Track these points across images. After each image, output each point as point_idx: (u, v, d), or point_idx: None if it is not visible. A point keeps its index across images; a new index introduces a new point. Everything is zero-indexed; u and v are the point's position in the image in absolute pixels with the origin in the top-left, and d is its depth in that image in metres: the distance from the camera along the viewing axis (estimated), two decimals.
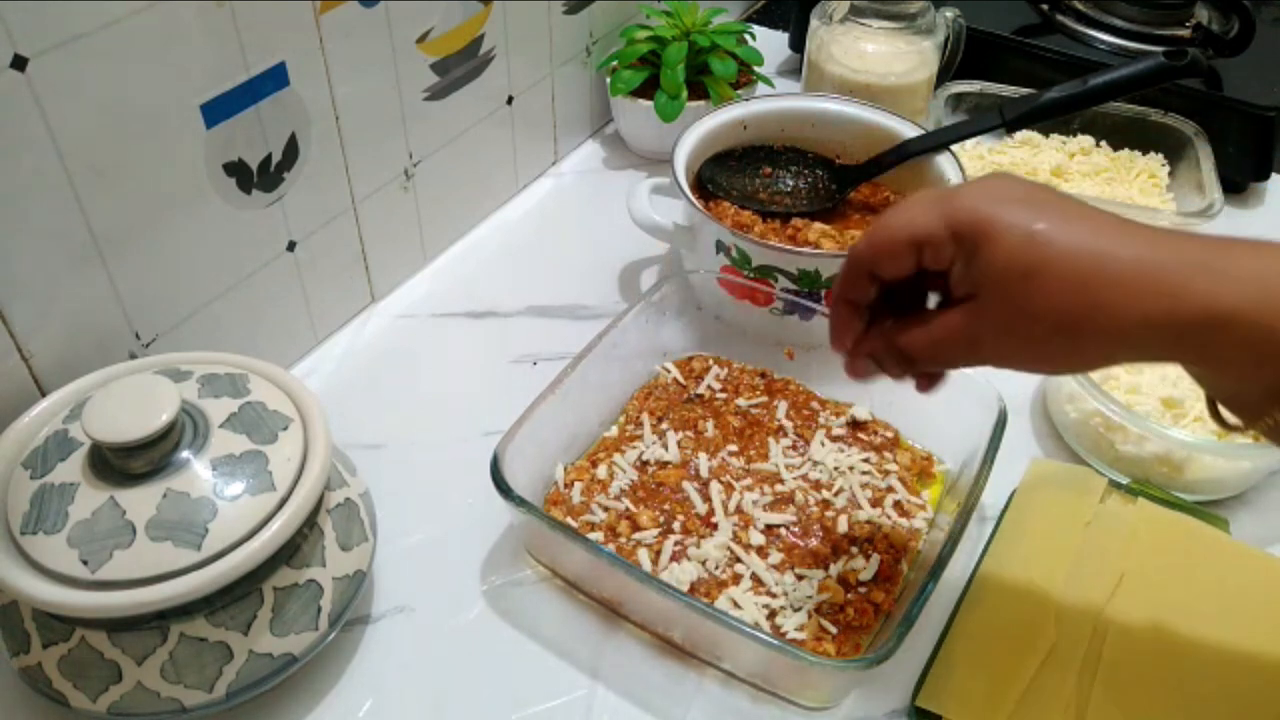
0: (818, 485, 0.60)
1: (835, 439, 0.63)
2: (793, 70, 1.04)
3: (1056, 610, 0.54)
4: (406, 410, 0.67)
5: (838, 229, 0.73)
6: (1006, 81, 0.87)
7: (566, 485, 0.60)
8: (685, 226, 0.73)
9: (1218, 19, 0.92)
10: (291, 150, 0.62)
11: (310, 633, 0.49)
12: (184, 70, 0.54)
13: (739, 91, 0.86)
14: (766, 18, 1.15)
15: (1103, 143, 0.87)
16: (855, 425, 0.64)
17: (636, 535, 0.57)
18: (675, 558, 0.56)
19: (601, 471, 0.61)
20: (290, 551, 0.49)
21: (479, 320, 0.75)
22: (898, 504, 0.59)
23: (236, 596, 0.47)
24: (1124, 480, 0.62)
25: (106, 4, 0.49)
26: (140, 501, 0.45)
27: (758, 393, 0.66)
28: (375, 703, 0.52)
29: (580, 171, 0.91)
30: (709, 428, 0.63)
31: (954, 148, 0.75)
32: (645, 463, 0.61)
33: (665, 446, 0.62)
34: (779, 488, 0.60)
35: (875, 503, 0.59)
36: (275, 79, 0.59)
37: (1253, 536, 0.60)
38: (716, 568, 0.55)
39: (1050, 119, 0.75)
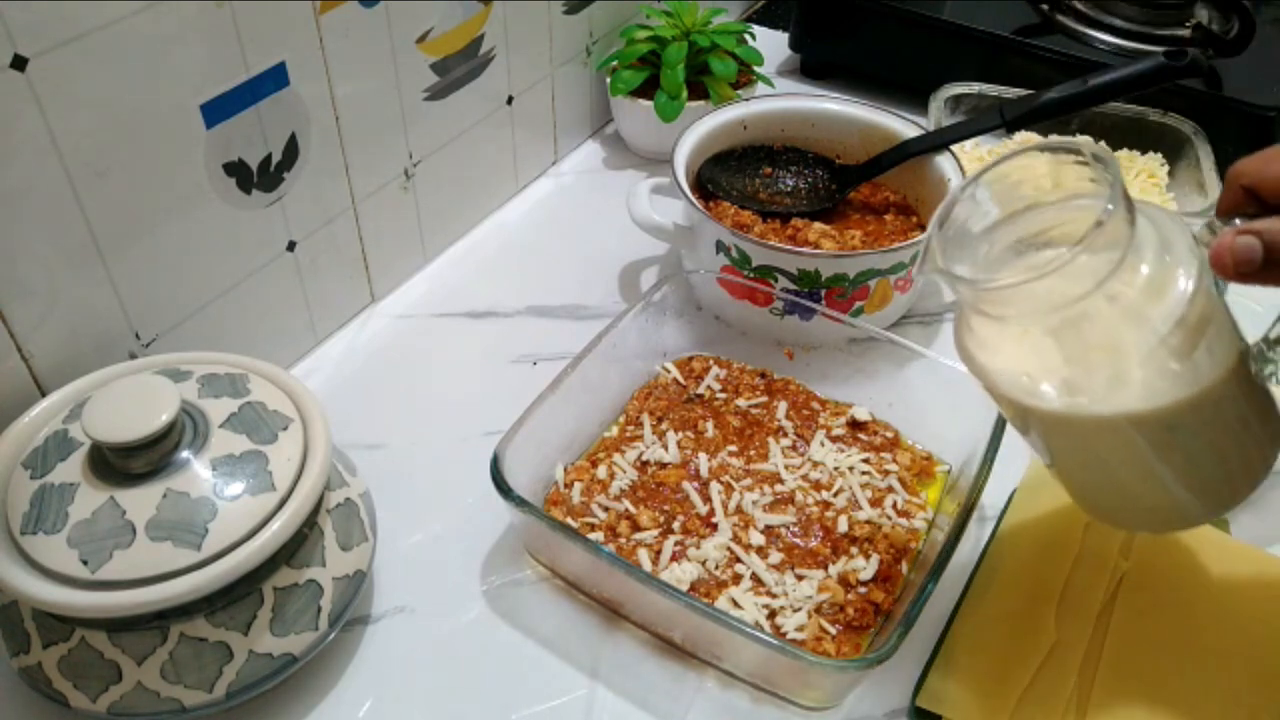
0: (818, 485, 0.60)
1: (835, 439, 0.63)
2: (792, 70, 1.04)
3: (1056, 610, 0.54)
4: (406, 410, 0.67)
5: (838, 229, 0.73)
6: (1006, 81, 0.87)
7: (566, 485, 0.60)
8: (685, 226, 0.73)
9: (1218, 19, 0.92)
10: (291, 150, 0.62)
11: (310, 633, 0.49)
12: (184, 70, 0.54)
13: (739, 91, 0.86)
14: (766, 18, 1.15)
15: (1102, 143, 0.87)
16: (855, 425, 0.64)
17: (636, 535, 0.57)
18: (675, 558, 0.56)
19: (601, 471, 0.61)
20: (290, 551, 0.49)
21: (479, 320, 0.75)
22: (897, 504, 0.59)
23: (236, 596, 0.47)
24: None
25: (106, 4, 0.49)
26: (140, 501, 0.45)
27: (758, 393, 0.66)
28: (375, 703, 0.52)
29: (580, 172, 0.91)
30: (709, 428, 0.63)
31: (954, 148, 0.75)
32: (645, 463, 0.61)
33: (665, 447, 0.62)
34: (779, 488, 0.60)
35: (875, 503, 0.59)
36: (275, 79, 0.59)
37: (1253, 536, 0.60)
38: (716, 568, 0.55)
39: (1050, 119, 0.75)
